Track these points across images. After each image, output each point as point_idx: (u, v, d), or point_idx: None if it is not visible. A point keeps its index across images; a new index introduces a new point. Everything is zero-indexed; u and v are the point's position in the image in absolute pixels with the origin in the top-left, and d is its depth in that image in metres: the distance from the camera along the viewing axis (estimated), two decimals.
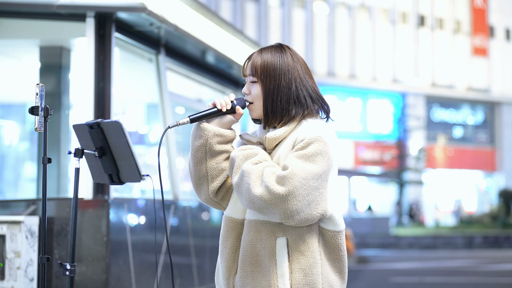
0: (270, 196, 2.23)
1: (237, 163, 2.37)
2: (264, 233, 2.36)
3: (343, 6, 34.68)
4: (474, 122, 38.69)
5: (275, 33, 32.56)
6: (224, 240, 2.45)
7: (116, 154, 2.79)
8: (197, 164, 2.47)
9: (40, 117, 2.93)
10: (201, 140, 2.45)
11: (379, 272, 13.85)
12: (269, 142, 2.42)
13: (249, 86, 2.48)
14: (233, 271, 2.42)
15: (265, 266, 2.34)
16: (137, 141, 8.70)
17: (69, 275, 2.86)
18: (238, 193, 2.36)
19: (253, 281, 2.35)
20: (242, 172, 2.32)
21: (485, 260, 16.67)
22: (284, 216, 2.26)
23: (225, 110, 2.45)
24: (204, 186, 2.49)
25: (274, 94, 2.42)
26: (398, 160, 31.53)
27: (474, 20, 38.04)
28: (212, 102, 2.47)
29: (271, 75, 2.43)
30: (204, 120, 2.46)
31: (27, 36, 6.42)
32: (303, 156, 2.29)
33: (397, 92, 35.49)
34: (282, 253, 2.33)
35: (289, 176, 2.23)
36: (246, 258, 2.38)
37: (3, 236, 5.19)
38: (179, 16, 6.46)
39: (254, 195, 2.26)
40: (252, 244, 2.37)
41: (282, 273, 2.32)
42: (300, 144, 2.32)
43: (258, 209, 2.29)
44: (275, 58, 2.44)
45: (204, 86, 8.61)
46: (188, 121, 2.44)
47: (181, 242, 6.91)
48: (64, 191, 6.34)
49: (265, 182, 2.25)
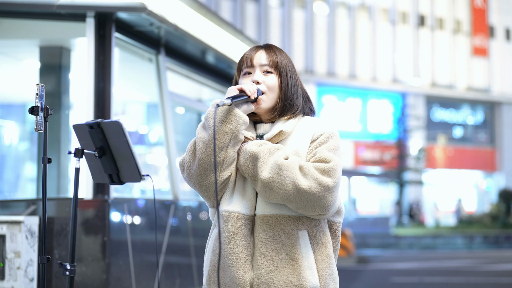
0: (320, 188, 2.27)
1: (262, 158, 2.32)
2: (286, 227, 2.35)
3: (343, 6, 34.68)
4: (474, 122, 38.69)
5: (275, 33, 32.56)
6: (233, 238, 2.35)
7: (116, 154, 2.79)
8: (217, 149, 2.34)
9: (40, 117, 2.93)
10: (231, 126, 2.34)
11: (379, 272, 13.85)
12: (279, 137, 2.42)
13: (261, 76, 2.46)
14: (247, 268, 2.35)
15: (290, 259, 2.33)
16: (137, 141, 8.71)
17: (69, 275, 2.86)
18: (269, 188, 2.30)
19: (281, 275, 2.32)
20: (278, 166, 2.29)
21: (485, 260, 16.67)
22: (324, 208, 2.31)
23: (253, 98, 2.40)
24: (212, 174, 2.36)
25: (293, 89, 2.47)
26: (398, 160, 31.53)
27: (474, 20, 38.05)
28: (238, 87, 2.39)
29: (288, 72, 2.47)
30: (234, 106, 2.38)
31: (27, 36, 6.42)
32: (332, 149, 2.37)
33: (397, 92, 35.49)
34: (306, 246, 2.36)
35: (335, 168, 2.31)
36: (268, 254, 2.33)
37: (3, 236, 5.19)
38: (179, 16, 6.46)
39: (301, 188, 2.27)
40: (273, 239, 2.34)
41: (310, 265, 2.35)
42: (322, 137, 2.39)
43: (300, 202, 2.29)
44: (287, 58, 2.51)
45: (204, 86, 8.61)
46: (230, 103, 2.34)
47: (181, 242, 6.91)
48: (64, 191, 6.34)
49: (312, 175, 2.28)
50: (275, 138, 2.42)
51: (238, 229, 2.36)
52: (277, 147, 2.36)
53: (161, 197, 7.10)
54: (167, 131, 6.82)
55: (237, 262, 2.34)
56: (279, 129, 2.42)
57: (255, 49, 2.51)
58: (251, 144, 2.38)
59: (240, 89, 2.39)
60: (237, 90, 2.39)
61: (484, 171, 38.49)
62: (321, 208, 2.30)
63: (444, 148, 37.10)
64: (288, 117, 2.46)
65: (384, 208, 34.29)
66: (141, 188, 7.75)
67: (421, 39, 36.47)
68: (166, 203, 6.71)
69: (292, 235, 2.34)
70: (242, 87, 2.39)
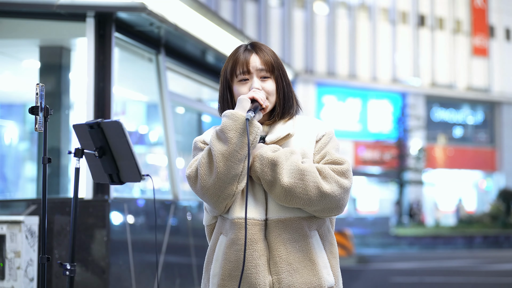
0: (341, 191, 2.31)
1: (281, 163, 2.30)
2: (300, 229, 2.36)
3: (343, 6, 34.68)
4: (474, 122, 38.68)
5: (275, 33, 32.56)
6: (249, 245, 2.32)
7: (116, 154, 2.79)
8: (237, 162, 2.29)
9: (40, 117, 2.93)
10: (251, 137, 2.30)
11: (379, 272, 13.85)
12: (285, 139, 2.42)
13: (259, 82, 2.43)
14: (266, 273, 2.33)
15: (308, 261, 2.35)
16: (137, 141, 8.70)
17: (69, 275, 2.86)
18: (291, 193, 2.28)
19: (301, 277, 2.33)
20: (300, 171, 2.29)
21: (485, 260, 16.67)
22: (342, 208, 2.36)
23: (264, 106, 2.38)
24: (232, 186, 2.32)
25: (288, 90, 2.47)
26: (398, 160, 31.53)
27: (474, 20, 38.04)
28: (250, 96, 2.36)
29: (281, 72, 2.46)
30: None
31: (27, 36, 6.42)
32: (337, 149, 2.43)
33: (397, 92, 35.49)
34: (319, 245, 2.39)
35: (349, 169, 2.36)
36: (288, 257, 2.33)
37: (3, 236, 5.19)
38: (179, 16, 6.46)
39: (325, 191, 2.29)
40: (291, 242, 2.34)
41: (325, 264, 2.38)
42: (325, 138, 2.42)
43: (323, 205, 2.31)
44: (273, 53, 2.47)
45: (204, 86, 8.61)
46: (253, 115, 2.31)
47: (181, 242, 6.91)
48: (64, 191, 6.34)
49: (333, 178, 2.31)
50: (280, 141, 2.40)
51: (255, 236, 2.33)
52: (291, 151, 2.34)
53: (161, 197, 7.10)
54: (167, 131, 6.82)
55: (256, 268, 2.31)
56: (285, 132, 2.41)
57: (247, 52, 2.44)
58: (266, 150, 2.34)
59: (252, 98, 2.35)
60: (248, 99, 2.34)
61: (484, 171, 38.48)
62: (339, 209, 2.35)
63: (444, 148, 37.10)
64: (287, 118, 2.46)
65: (384, 208, 34.29)
66: (141, 188, 7.75)
67: (421, 39, 36.47)
68: (166, 203, 6.71)
69: (306, 237, 2.36)
70: (254, 96, 2.35)
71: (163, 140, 6.94)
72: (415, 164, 31.84)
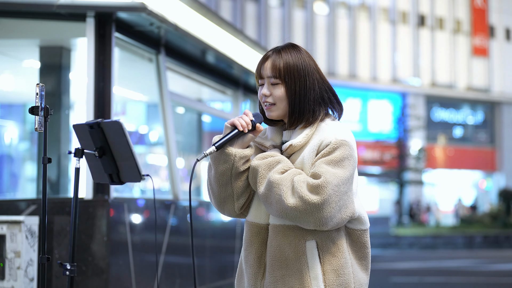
0: (305, 206, 2.23)
1: (261, 173, 2.33)
2: (292, 237, 2.34)
3: (343, 6, 34.68)
4: (474, 122, 38.68)
5: (275, 33, 32.56)
6: (248, 246, 2.42)
7: (116, 154, 2.79)
8: (222, 186, 2.40)
9: (40, 117, 2.92)
10: (227, 165, 2.36)
11: (379, 272, 13.85)
12: (292, 149, 2.39)
13: (269, 88, 2.42)
14: (259, 276, 2.40)
15: (296, 269, 2.33)
16: (137, 141, 8.71)
17: (69, 275, 2.86)
18: (266, 203, 2.33)
19: (284, 285, 2.33)
20: (270, 183, 2.29)
21: (485, 260, 16.67)
22: (318, 224, 2.26)
23: (246, 131, 2.38)
24: (229, 204, 2.43)
25: (301, 95, 2.40)
26: (398, 160, 31.52)
27: (474, 20, 38.05)
28: (230, 122, 2.38)
29: (295, 76, 2.40)
30: (228, 144, 2.37)
31: (27, 36, 6.42)
32: (332, 161, 2.29)
33: (397, 92, 35.49)
34: (313, 256, 2.34)
35: (323, 185, 2.23)
36: (275, 263, 2.36)
37: (3, 236, 5.19)
38: (179, 16, 6.46)
39: (287, 206, 2.24)
40: (280, 249, 2.35)
41: (316, 275, 2.33)
42: (327, 149, 2.32)
43: (291, 219, 2.28)
44: (297, 58, 2.42)
45: (204, 86, 8.61)
46: (214, 150, 2.35)
47: (181, 242, 6.91)
48: (64, 191, 6.34)
49: (298, 192, 2.24)
50: (288, 150, 2.40)
51: (252, 238, 2.42)
52: (278, 160, 2.34)
53: (161, 197, 7.10)
54: (167, 131, 6.82)
55: (251, 269, 2.41)
56: (289, 143, 2.39)
57: (264, 59, 2.46)
58: (256, 158, 2.38)
59: (232, 124, 2.38)
60: (230, 125, 2.38)
61: (484, 171, 38.48)
62: (314, 224, 2.26)
63: (444, 148, 37.10)
64: (304, 124, 2.41)
65: (384, 208, 34.28)
66: (141, 188, 7.75)
67: (421, 39, 36.47)
68: (166, 203, 6.71)
69: (298, 246, 2.34)
70: (234, 121, 2.37)
71: (163, 140, 6.94)
72: (415, 164, 31.83)
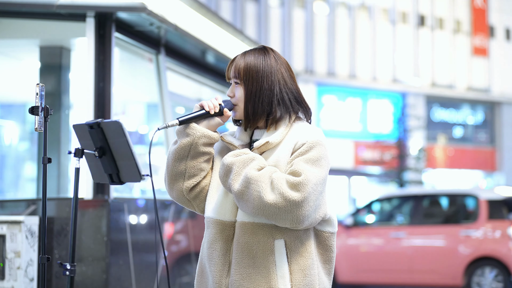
0: (286, 203, 2.23)
1: (235, 170, 2.33)
2: (261, 235, 2.34)
3: (343, 6, 34.68)
4: (474, 122, 38.68)
5: (275, 33, 32.56)
6: (212, 243, 2.42)
7: (116, 154, 2.79)
8: (177, 160, 2.48)
9: (40, 117, 2.92)
10: (188, 139, 2.45)
11: None
12: (266, 147, 2.40)
13: (233, 89, 2.49)
14: (224, 273, 2.39)
15: (263, 268, 2.33)
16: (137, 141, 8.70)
17: (69, 275, 2.86)
18: (241, 200, 2.31)
19: (252, 283, 2.33)
20: (247, 179, 2.29)
21: None
22: (295, 221, 2.26)
23: (213, 112, 2.47)
24: (179, 182, 2.49)
25: (256, 96, 2.43)
26: (398, 160, 31.51)
27: (474, 20, 38.05)
28: (200, 103, 2.49)
29: (253, 78, 2.43)
30: (193, 122, 2.48)
31: (27, 36, 6.42)
32: (310, 160, 2.31)
33: (397, 92, 35.49)
34: (281, 255, 2.34)
35: (304, 182, 2.24)
36: (242, 260, 2.35)
37: (3, 236, 5.19)
38: (179, 16, 6.46)
39: (266, 202, 2.24)
40: (248, 246, 2.35)
41: (283, 274, 2.33)
42: (303, 148, 2.33)
43: (269, 216, 2.27)
44: (258, 60, 2.45)
45: (204, 86, 8.61)
46: (177, 123, 2.45)
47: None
48: (64, 191, 6.34)
49: (278, 189, 2.24)
50: (262, 147, 2.42)
51: (216, 235, 2.41)
52: (252, 158, 2.35)
53: (161, 197, 7.10)
54: (167, 131, 6.82)
55: (215, 267, 2.40)
56: (265, 139, 2.41)
57: (232, 60, 2.53)
58: (228, 155, 2.38)
59: (200, 105, 2.49)
60: (198, 106, 2.49)
61: (484, 171, 38.48)
62: (291, 222, 2.26)
63: (444, 148, 37.11)
64: (270, 124, 2.44)
65: None
66: (141, 188, 7.75)
67: (421, 39, 36.47)
68: (166, 203, 6.71)
69: (267, 244, 2.34)
70: (202, 102, 2.48)
71: (163, 140, 6.94)
72: (415, 164, 31.83)
